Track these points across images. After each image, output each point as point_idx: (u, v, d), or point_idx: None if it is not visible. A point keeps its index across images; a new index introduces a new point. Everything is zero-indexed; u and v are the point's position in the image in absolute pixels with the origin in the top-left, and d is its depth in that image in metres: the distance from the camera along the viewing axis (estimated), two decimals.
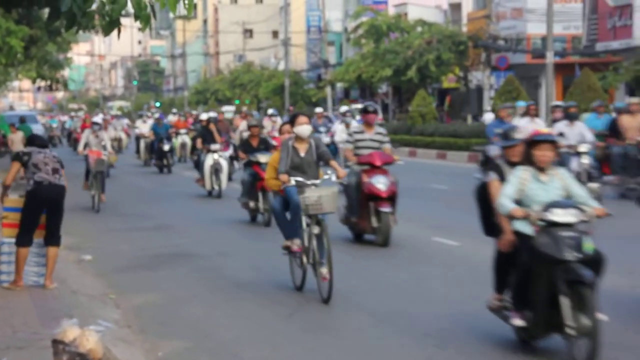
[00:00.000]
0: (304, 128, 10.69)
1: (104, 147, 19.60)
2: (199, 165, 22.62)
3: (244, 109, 42.29)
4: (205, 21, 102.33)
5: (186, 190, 23.30)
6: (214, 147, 21.41)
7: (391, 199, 13.64)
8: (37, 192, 10.49)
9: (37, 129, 35.35)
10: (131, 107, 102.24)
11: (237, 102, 69.68)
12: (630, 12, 37.19)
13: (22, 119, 32.21)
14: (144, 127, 33.37)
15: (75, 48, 51.66)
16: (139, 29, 8.54)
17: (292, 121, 10.87)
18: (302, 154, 10.71)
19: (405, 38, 46.17)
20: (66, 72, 46.18)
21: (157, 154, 30.30)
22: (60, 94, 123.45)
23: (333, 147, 24.16)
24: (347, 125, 22.81)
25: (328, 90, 58.37)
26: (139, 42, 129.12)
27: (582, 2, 41.23)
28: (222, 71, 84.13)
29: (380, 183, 13.62)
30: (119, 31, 8.69)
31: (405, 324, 9.10)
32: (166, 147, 29.71)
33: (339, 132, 23.60)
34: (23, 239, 10.54)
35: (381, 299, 10.32)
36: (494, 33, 45.21)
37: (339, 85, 57.57)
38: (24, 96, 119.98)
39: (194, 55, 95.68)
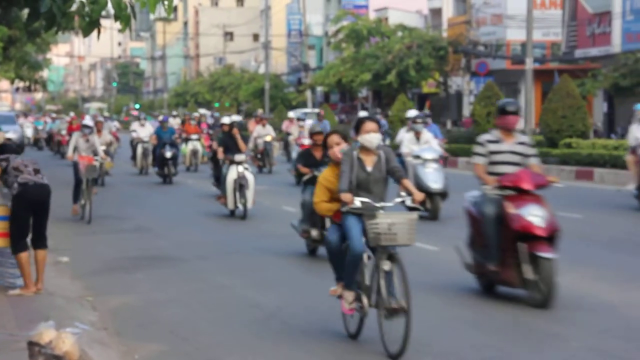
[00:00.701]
0: (372, 137, 8.35)
1: (95, 153, 18.22)
2: (219, 180, 19.60)
3: (259, 111, 37.39)
4: (185, 23, 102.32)
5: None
6: (238, 157, 18.17)
7: (551, 238, 9.89)
8: (24, 194, 10.27)
9: (15, 131, 34.94)
10: (109, 109, 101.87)
11: (216, 104, 69.68)
12: (609, 19, 37.46)
13: None
14: (142, 130, 30.08)
15: (54, 49, 51.43)
16: (119, 30, 8.53)
17: (357, 127, 8.51)
18: (369, 169, 8.39)
19: (385, 43, 46.31)
20: (45, 73, 46.02)
21: (158, 161, 26.91)
22: (38, 95, 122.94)
23: (398, 160, 17.45)
24: (418, 134, 18.41)
25: (308, 94, 58.49)
26: (119, 44, 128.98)
27: (561, 9, 41.48)
28: (202, 74, 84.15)
29: (535, 216, 9.86)
30: (99, 32, 8.67)
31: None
32: (168, 154, 26.25)
33: (407, 141, 18.57)
34: (19, 245, 10.34)
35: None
36: (474, 39, 45.46)
37: (319, 89, 57.68)
38: (2, 97, 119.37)
39: (174, 58, 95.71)
